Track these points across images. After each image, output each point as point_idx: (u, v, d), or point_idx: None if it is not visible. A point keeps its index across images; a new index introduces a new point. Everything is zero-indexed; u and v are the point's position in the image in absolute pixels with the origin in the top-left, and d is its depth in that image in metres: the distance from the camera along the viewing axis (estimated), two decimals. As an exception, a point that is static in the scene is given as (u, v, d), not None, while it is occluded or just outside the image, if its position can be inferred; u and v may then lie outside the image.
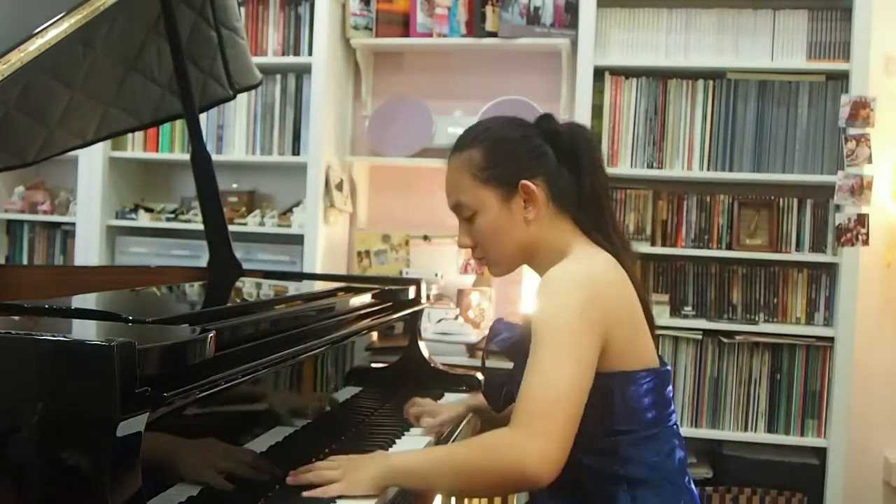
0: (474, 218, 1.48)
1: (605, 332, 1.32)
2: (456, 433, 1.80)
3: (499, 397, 1.54)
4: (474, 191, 1.46)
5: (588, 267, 1.38)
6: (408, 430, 1.73)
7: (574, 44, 3.04)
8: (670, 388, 1.44)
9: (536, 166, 1.45)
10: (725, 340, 2.91)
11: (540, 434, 1.22)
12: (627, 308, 1.39)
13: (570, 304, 1.31)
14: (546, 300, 1.35)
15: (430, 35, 3.18)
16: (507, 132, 1.48)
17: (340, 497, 1.24)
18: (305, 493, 1.25)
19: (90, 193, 3.30)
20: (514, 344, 1.47)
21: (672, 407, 1.44)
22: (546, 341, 1.29)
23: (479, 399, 1.84)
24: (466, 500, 2.01)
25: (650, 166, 3.01)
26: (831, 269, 2.92)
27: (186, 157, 2.13)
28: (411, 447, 1.56)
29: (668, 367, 1.45)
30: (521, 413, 1.26)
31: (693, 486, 1.45)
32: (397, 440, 1.61)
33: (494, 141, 1.47)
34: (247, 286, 2.04)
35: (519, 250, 1.49)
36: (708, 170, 2.96)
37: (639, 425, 1.37)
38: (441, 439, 1.72)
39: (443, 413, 1.76)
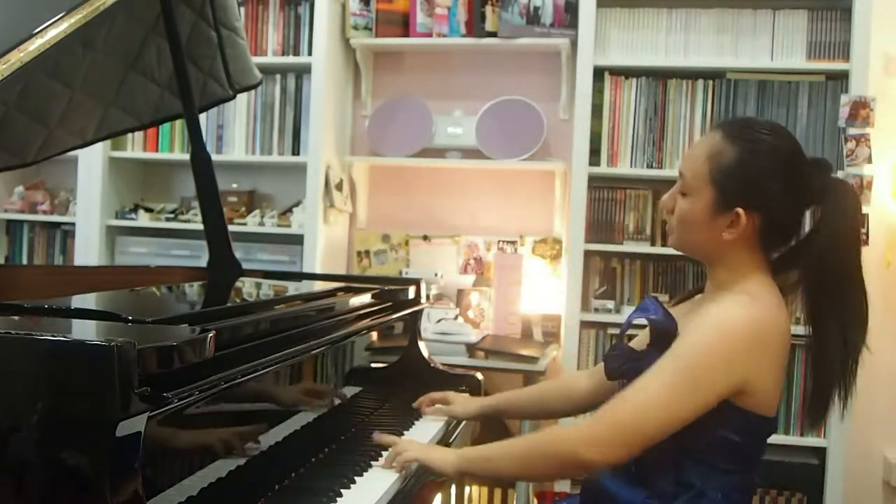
0: (686, 195, 1.47)
1: (741, 380, 1.36)
2: (455, 434, 1.82)
3: (616, 368, 1.55)
4: (701, 179, 1.44)
5: (758, 311, 1.39)
6: (408, 429, 1.73)
7: (574, 44, 3.04)
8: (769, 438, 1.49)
9: (767, 204, 1.42)
10: (725, 340, 2.91)
11: (605, 441, 1.34)
12: (776, 359, 1.42)
13: (719, 346, 1.35)
14: (703, 328, 1.38)
15: (430, 35, 3.18)
16: (770, 159, 1.42)
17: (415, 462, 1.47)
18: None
19: (90, 193, 3.30)
20: (656, 324, 1.47)
21: (763, 454, 1.49)
22: (672, 364, 1.35)
23: (493, 401, 1.86)
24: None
25: (650, 166, 3.01)
26: (831, 269, 2.92)
27: (186, 157, 2.13)
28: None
29: (777, 418, 1.48)
30: (602, 415, 1.37)
31: None
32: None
33: (752, 158, 1.42)
34: (247, 286, 2.04)
35: (700, 248, 1.50)
36: (708, 170, 2.96)
37: (732, 459, 1.42)
38: (446, 434, 1.76)
39: (455, 406, 1.86)
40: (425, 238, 3.27)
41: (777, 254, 1.48)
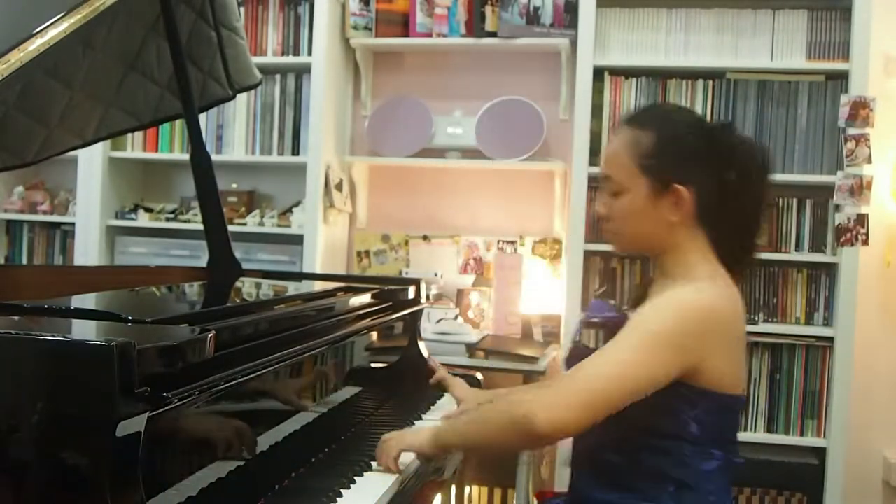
0: (619, 195, 1.50)
1: (695, 360, 1.38)
2: None
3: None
4: (630, 173, 1.47)
5: (713, 297, 1.42)
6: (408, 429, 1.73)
7: (574, 44, 3.04)
8: (740, 415, 1.52)
9: (696, 174, 1.46)
10: (725, 340, 2.91)
11: (562, 403, 1.31)
12: (729, 341, 1.43)
13: (669, 325, 1.37)
14: (654, 310, 1.41)
15: (430, 35, 3.18)
16: (684, 131, 1.49)
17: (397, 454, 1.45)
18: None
19: (90, 193, 3.30)
20: (611, 322, 1.52)
21: (737, 432, 1.51)
22: (627, 339, 1.37)
23: (488, 395, 1.88)
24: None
25: (650, 166, 3.01)
26: (831, 269, 2.92)
27: (186, 157, 2.13)
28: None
29: (744, 396, 1.51)
30: (558, 381, 1.39)
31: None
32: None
33: (669, 135, 1.48)
34: (247, 286, 2.04)
35: (646, 241, 1.52)
36: (708, 170, 2.96)
37: (705, 439, 1.43)
38: None
39: (455, 388, 1.93)
40: (425, 238, 3.27)
41: (713, 230, 1.50)
